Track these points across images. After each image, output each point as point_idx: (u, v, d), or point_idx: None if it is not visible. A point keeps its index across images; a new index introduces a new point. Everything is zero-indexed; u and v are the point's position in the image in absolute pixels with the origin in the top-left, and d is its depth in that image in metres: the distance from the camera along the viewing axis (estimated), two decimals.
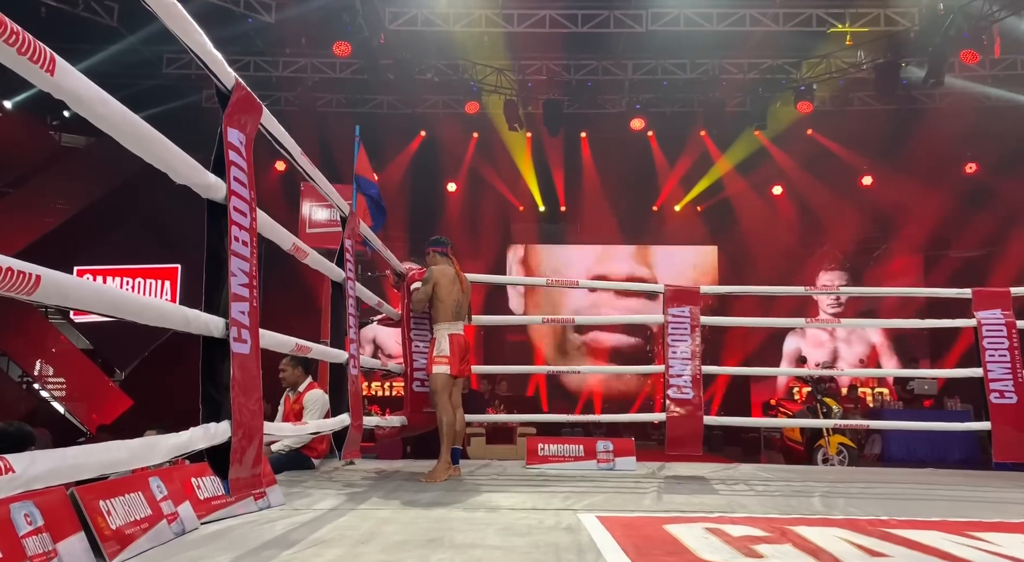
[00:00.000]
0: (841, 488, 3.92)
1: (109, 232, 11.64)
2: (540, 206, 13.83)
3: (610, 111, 12.32)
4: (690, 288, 5.23)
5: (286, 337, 2.94)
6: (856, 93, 11.90)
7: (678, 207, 13.82)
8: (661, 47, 10.73)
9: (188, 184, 2.11)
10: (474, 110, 11.62)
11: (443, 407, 4.12)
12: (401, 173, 12.70)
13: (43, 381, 11.81)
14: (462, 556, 2.05)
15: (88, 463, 1.51)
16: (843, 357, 13.23)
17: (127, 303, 1.84)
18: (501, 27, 10.25)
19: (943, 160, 12.16)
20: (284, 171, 11.32)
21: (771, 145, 12.61)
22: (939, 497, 3.74)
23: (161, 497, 2.31)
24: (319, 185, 3.50)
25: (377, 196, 5.23)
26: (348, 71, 11.38)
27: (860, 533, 2.42)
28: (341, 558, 2.03)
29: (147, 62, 10.54)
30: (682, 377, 4.93)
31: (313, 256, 3.41)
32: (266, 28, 10.33)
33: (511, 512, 2.88)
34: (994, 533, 2.48)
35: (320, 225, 8.45)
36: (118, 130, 1.74)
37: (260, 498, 2.89)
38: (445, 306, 4.27)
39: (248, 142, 2.41)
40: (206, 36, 2.14)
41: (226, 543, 2.25)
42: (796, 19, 10.04)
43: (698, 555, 2.07)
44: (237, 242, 2.25)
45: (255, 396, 2.26)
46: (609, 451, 4.85)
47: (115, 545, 1.97)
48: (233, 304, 2.19)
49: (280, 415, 4.89)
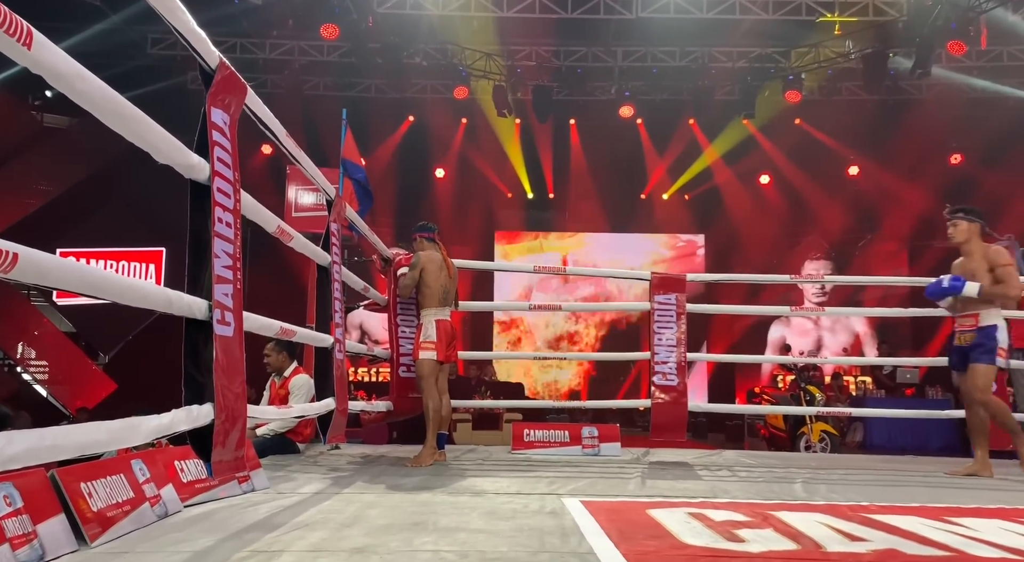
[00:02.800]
0: (823, 474, 3.97)
1: (93, 214, 11.50)
2: (528, 193, 13.80)
3: (599, 98, 12.28)
4: (676, 276, 5.24)
5: (270, 320, 2.93)
6: (844, 83, 11.93)
7: (666, 195, 13.83)
8: (651, 34, 10.70)
9: (170, 164, 2.09)
10: (463, 95, 11.55)
11: (429, 392, 4.13)
12: (388, 158, 12.62)
13: (25, 364, 11.71)
14: (446, 539, 2.06)
15: (66, 444, 1.49)
16: (827, 346, 13.34)
17: (109, 284, 1.83)
18: (490, 11, 10.17)
19: (929, 150, 12.24)
20: (271, 154, 11.22)
21: (759, 134, 12.62)
22: (918, 483, 3.79)
23: (144, 480, 2.30)
24: (304, 167, 3.47)
25: (364, 180, 5.20)
26: (336, 54, 11.27)
27: (840, 518, 2.45)
28: (325, 541, 2.02)
29: (132, 42, 10.39)
30: (667, 364, 4.95)
31: (298, 239, 3.38)
32: (253, 10, 10.21)
33: (496, 496, 2.89)
34: (971, 518, 2.51)
35: (306, 209, 8.38)
36: (98, 107, 1.71)
37: (244, 481, 2.88)
38: (432, 292, 4.26)
39: (232, 123, 2.38)
40: (190, 15, 2.10)
41: (209, 526, 2.24)
42: (785, 8, 10.03)
43: (680, 539, 2.09)
44: (221, 223, 2.22)
45: (239, 379, 2.25)
46: (594, 437, 4.88)
47: (96, 527, 1.96)
48: (216, 286, 2.17)
49: (265, 400, 4.88)
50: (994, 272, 3.98)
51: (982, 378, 3.96)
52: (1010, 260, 4.00)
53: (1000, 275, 3.95)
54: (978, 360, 3.96)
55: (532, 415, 8.52)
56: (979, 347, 3.97)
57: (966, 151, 12.19)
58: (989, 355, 3.94)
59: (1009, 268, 3.96)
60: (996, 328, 3.97)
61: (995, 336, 3.95)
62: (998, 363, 3.96)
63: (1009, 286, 3.93)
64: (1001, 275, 3.95)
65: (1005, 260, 3.99)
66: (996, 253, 4.04)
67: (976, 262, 4.05)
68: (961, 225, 4.11)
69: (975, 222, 4.11)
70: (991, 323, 3.98)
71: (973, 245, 4.10)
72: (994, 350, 3.93)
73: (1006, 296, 3.96)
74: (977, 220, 4.11)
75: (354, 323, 12.07)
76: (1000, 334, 3.96)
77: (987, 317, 4.00)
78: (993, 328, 3.97)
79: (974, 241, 4.10)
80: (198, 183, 2.21)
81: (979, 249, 4.07)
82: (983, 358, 3.95)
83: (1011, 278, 3.94)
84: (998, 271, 3.97)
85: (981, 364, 3.95)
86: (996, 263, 3.99)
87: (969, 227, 4.10)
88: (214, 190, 2.20)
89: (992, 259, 4.01)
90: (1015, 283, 3.94)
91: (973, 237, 4.10)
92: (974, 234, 4.10)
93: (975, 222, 4.11)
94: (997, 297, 3.97)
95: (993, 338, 3.95)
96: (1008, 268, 3.95)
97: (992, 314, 4.00)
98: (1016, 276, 3.97)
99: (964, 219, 4.12)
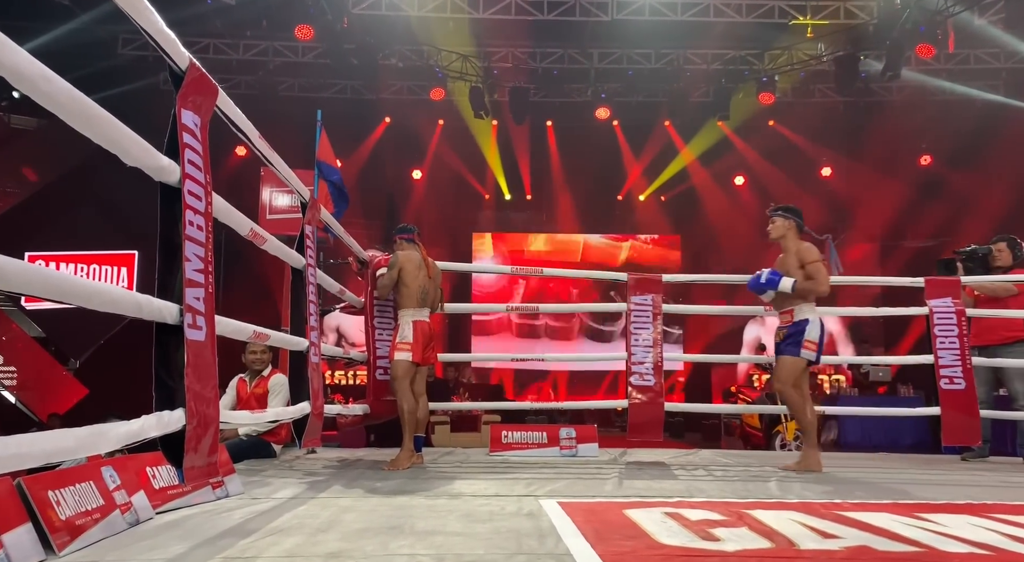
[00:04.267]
0: (797, 473, 4.01)
1: (63, 217, 11.29)
2: (506, 194, 13.80)
3: (576, 100, 12.33)
4: (652, 277, 5.27)
5: (243, 324, 2.89)
6: (816, 85, 12.09)
7: (642, 197, 13.92)
8: (626, 36, 10.76)
9: (139, 166, 2.06)
10: (439, 97, 11.53)
11: (404, 394, 4.10)
12: (364, 159, 12.55)
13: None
14: (422, 543, 2.05)
15: (32, 452, 1.46)
16: None
17: (75, 288, 1.79)
18: (466, 13, 10.17)
19: (899, 152, 12.45)
20: (246, 156, 11.10)
21: (734, 136, 12.75)
22: (890, 480, 3.84)
23: (114, 487, 2.26)
24: (278, 169, 3.44)
25: (339, 182, 5.17)
26: (310, 55, 11.19)
27: (814, 516, 2.48)
28: (299, 547, 2.01)
29: (102, 42, 10.23)
30: (644, 364, 4.97)
31: (272, 242, 3.35)
32: (226, 9, 10.10)
33: (473, 499, 2.88)
34: (941, 514, 2.55)
35: (281, 211, 8.30)
36: (64, 109, 1.68)
37: (218, 487, 2.84)
38: (410, 292, 4.23)
39: (203, 125, 2.35)
40: (159, 15, 2.07)
41: (182, 532, 2.21)
42: (759, 10, 10.15)
43: (656, 539, 2.10)
44: (192, 227, 2.19)
45: (211, 383, 2.22)
46: (572, 438, 4.89)
47: (65, 536, 1.93)
48: (187, 290, 2.14)
49: (231, 401, 4.79)
50: (804, 268, 4.13)
51: (785, 369, 4.09)
52: (819, 257, 4.15)
53: (810, 271, 4.11)
54: (784, 351, 4.12)
55: (511, 417, 8.53)
56: (788, 339, 4.13)
57: (935, 152, 12.40)
58: (795, 347, 4.07)
59: (817, 264, 4.10)
60: (808, 322, 4.10)
61: (805, 329, 4.08)
62: (804, 355, 4.07)
63: (818, 282, 4.07)
64: (811, 271, 4.11)
65: (814, 257, 4.14)
66: (807, 250, 4.19)
67: (791, 258, 4.20)
68: (778, 222, 4.25)
69: (790, 219, 4.24)
70: (803, 317, 4.11)
71: (789, 242, 4.24)
72: (801, 343, 4.07)
73: (815, 291, 4.09)
74: (793, 218, 4.25)
75: (331, 326, 11.98)
76: (811, 328, 4.09)
77: (800, 312, 4.14)
78: (804, 322, 4.10)
79: (790, 238, 4.24)
80: (168, 186, 2.17)
81: (794, 246, 4.22)
82: (789, 350, 4.09)
83: (819, 274, 4.08)
84: (808, 268, 4.12)
85: (787, 356, 4.09)
86: (806, 260, 4.14)
87: (784, 224, 4.24)
88: (185, 193, 2.17)
89: (803, 256, 4.16)
90: (823, 279, 4.08)
91: (789, 234, 4.24)
92: (790, 231, 4.24)
93: (790, 219, 4.24)
94: (808, 293, 4.11)
95: (803, 331, 4.08)
96: (816, 264, 4.10)
97: (805, 309, 4.14)
98: (824, 272, 4.11)
99: (781, 217, 4.25)
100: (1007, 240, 5.24)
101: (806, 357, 4.08)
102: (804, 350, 4.06)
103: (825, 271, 4.11)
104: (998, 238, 5.28)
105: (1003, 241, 5.24)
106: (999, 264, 5.22)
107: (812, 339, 4.08)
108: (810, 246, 4.21)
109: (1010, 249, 5.20)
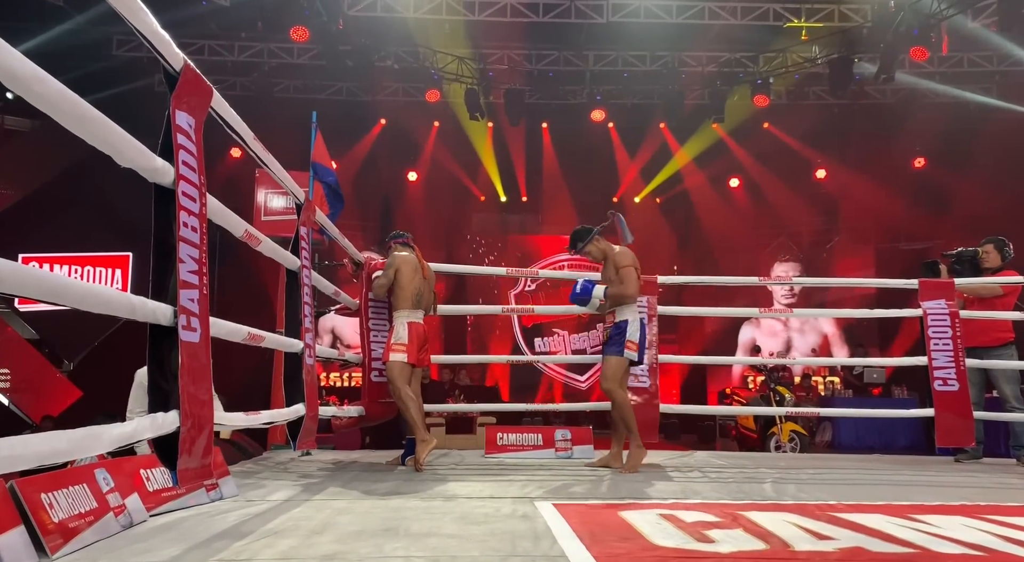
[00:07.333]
0: (792, 474, 4.02)
1: (57, 218, 11.24)
2: (502, 196, 13.80)
3: (571, 102, 12.34)
4: (647, 278, 5.27)
5: (237, 326, 2.89)
6: (811, 87, 12.14)
7: (638, 199, 13.92)
8: (622, 39, 10.78)
9: (133, 167, 2.05)
10: (435, 99, 11.53)
11: (403, 392, 4.10)
12: (360, 161, 12.53)
13: None
14: (417, 545, 2.04)
15: (25, 454, 1.46)
16: (796, 347, 13.51)
17: (70, 290, 1.78)
18: (462, 15, 10.17)
19: (893, 154, 12.49)
20: (240, 157, 11.08)
21: (728, 138, 12.77)
22: (884, 482, 3.85)
23: (108, 489, 2.26)
24: (272, 171, 3.43)
25: (335, 184, 5.17)
26: (306, 57, 11.18)
27: (808, 517, 2.48)
28: (294, 549, 2.00)
29: (97, 44, 10.20)
30: (640, 366, 4.97)
31: (267, 243, 3.34)
32: (221, 11, 10.08)
33: (468, 501, 2.88)
34: (934, 515, 2.56)
35: (276, 213, 8.25)
36: (57, 110, 1.67)
37: (212, 489, 2.84)
38: (406, 293, 4.24)
39: (198, 126, 2.34)
40: (154, 17, 2.07)
41: (176, 535, 2.20)
42: (754, 13, 10.18)
43: (651, 541, 2.10)
44: (186, 228, 2.19)
45: (205, 385, 2.22)
46: (567, 440, 4.89)
47: (58, 538, 1.92)
48: (182, 291, 2.13)
49: None
50: (618, 273, 4.24)
51: (610, 369, 4.18)
52: (629, 261, 4.24)
53: (620, 276, 4.22)
54: (608, 352, 4.22)
55: (507, 418, 8.52)
56: (610, 340, 4.23)
57: (929, 154, 12.45)
58: (618, 347, 4.17)
59: (627, 269, 4.20)
60: (627, 323, 4.20)
61: (625, 330, 4.18)
62: (627, 355, 4.17)
63: (626, 286, 4.18)
64: (621, 276, 4.21)
65: (625, 262, 4.23)
66: (619, 255, 4.29)
67: (609, 267, 4.32)
68: (589, 251, 4.38)
69: (592, 242, 4.36)
70: (623, 318, 4.21)
71: (606, 253, 4.36)
72: (623, 343, 4.17)
73: (624, 295, 4.18)
74: (590, 239, 4.36)
75: (326, 327, 11.96)
76: (631, 328, 4.18)
77: (620, 313, 4.23)
78: (624, 323, 4.20)
79: (605, 250, 4.36)
80: (163, 187, 2.17)
81: (610, 255, 4.33)
82: (612, 350, 4.20)
83: (627, 278, 4.19)
84: (620, 272, 4.23)
85: (611, 356, 4.19)
86: (618, 265, 4.25)
87: (594, 249, 4.38)
88: (179, 194, 2.17)
89: (616, 262, 4.27)
90: (630, 282, 4.18)
91: (598, 248, 4.37)
92: (596, 247, 4.37)
93: (592, 242, 4.36)
94: (619, 297, 4.20)
95: (623, 332, 4.18)
96: (626, 269, 4.20)
97: (624, 311, 4.23)
98: (633, 276, 4.21)
99: (583, 248, 4.36)
100: (995, 241, 5.26)
101: (628, 357, 4.18)
102: (627, 350, 4.16)
103: (634, 275, 4.21)
104: (986, 240, 5.31)
105: (990, 242, 5.27)
106: (987, 265, 5.25)
107: (633, 339, 4.18)
108: (623, 251, 4.31)
109: (997, 250, 5.23)
